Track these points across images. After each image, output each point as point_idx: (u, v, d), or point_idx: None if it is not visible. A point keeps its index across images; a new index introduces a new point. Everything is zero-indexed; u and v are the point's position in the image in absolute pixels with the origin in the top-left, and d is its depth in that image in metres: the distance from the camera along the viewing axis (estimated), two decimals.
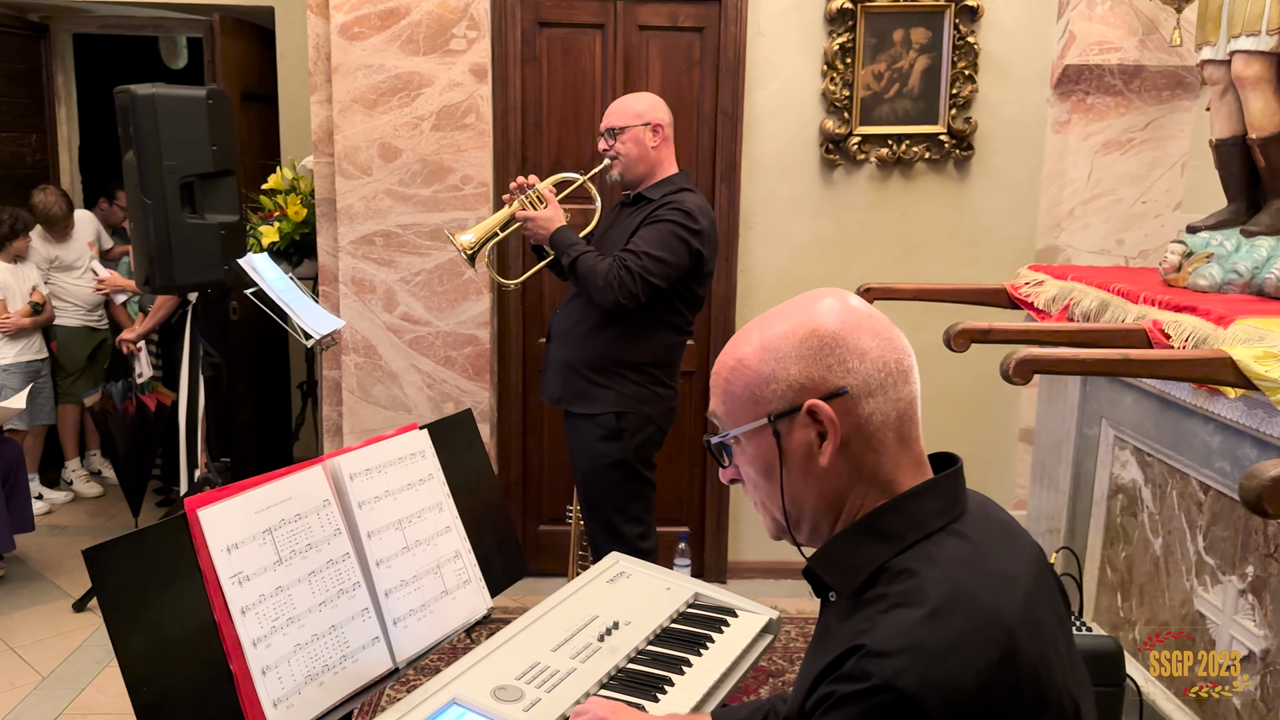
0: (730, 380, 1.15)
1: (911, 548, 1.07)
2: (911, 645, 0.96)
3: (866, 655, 0.97)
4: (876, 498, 1.11)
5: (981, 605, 1.01)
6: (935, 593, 1.01)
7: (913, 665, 0.95)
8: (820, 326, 1.11)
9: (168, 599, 1.38)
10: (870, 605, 1.04)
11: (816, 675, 1.02)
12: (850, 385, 1.09)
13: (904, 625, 0.98)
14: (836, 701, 0.97)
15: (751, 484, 1.17)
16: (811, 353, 1.10)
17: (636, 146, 2.98)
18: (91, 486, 5.21)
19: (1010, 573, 1.08)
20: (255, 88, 5.01)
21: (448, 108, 3.68)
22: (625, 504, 3.02)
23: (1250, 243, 2.52)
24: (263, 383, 5.04)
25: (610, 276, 2.81)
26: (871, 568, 1.07)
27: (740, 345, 1.16)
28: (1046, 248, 3.88)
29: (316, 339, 3.21)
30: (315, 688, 1.50)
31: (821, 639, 1.12)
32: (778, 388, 1.11)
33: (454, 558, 1.81)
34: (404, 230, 3.76)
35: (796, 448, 1.11)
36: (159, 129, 3.36)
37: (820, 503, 1.13)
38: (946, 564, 1.04)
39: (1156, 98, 3.77)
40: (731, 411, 1.15)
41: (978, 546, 1.08)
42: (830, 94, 3.79)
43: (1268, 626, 2.11)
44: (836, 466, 1.10)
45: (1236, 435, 2.16)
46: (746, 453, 1.15)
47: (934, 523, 1.09)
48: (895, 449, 1.11)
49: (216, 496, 1.46)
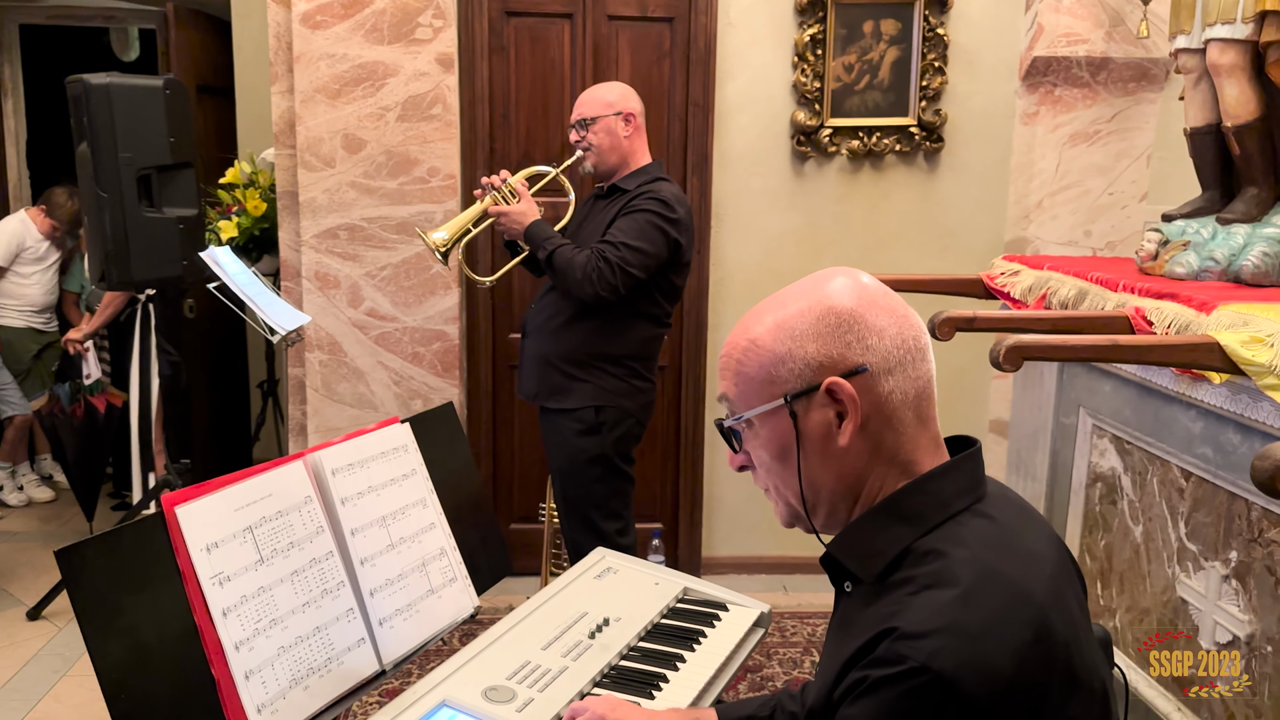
0: (743, 361, 1.11)
1: (936, 529, 1.04)
2: (946, 626, 0.94)
3: (900, 638, 0.94)
4: (897, 479, 1.08)
5: (1013, 585, 0.98)
6: (965, 573, 0.98)
7: (948, 646, 0.92)
8: (836, 304, 1.08)
9: (145, 601, 1.31)
10: (897, 589, 1.01)
11: (845, 662, 0.99)
12: (869, 363, 1.06)
13: (937, 606, 0.96)
14: (870, 686, 0.94)
15: (764, 468, 1.14)
16: (829, 330, 1.07)
17: (609, 137, 2.93)
18: (43, 491, 5.05)
19: (1036, 553, 1.06)
20: (211, 80, 4.88)
21: (413, 98, 3.61)
22: (604, 500, 2.97)
23: (1226, 230, 2.53)
24: (221, 382, 4.91)
25: (588, 269, 2.76)
26: (896, 550, 1.04)
27: (752, 325, 1.12)
28: (1015, 239, 3.88)
29: (282, 335, 3.12)
30: (300, 692, 1.44)
31: (843, 628, 1.09)
32: (794, 367, 1.07)
33: (439, 555, 1.75)
34: (369, 224, 3.68)
35: (814, 428, 1.08)
36: (114, 120, 3.25)
37: (839, 485, 1.09)
38: (974, 544, 1.02)
39: (1123, 89, 3.79)
40: (744, 393, 1.11)
41: (1003, 527, 1.06)
42: (801, 85, 3.77)
43: (1252, 611, 2.12)
44: (856, 447, 1.07)
45: (1219, 421, 2.17)
46: (760, 436, 1.12)
47: (958, 503, 1.06)
48: (914, 428, 1.08)
49: (195, 493, 1.40)
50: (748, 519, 4.07)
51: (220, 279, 3.21)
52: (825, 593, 4.12)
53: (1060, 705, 0.96)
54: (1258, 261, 2.42)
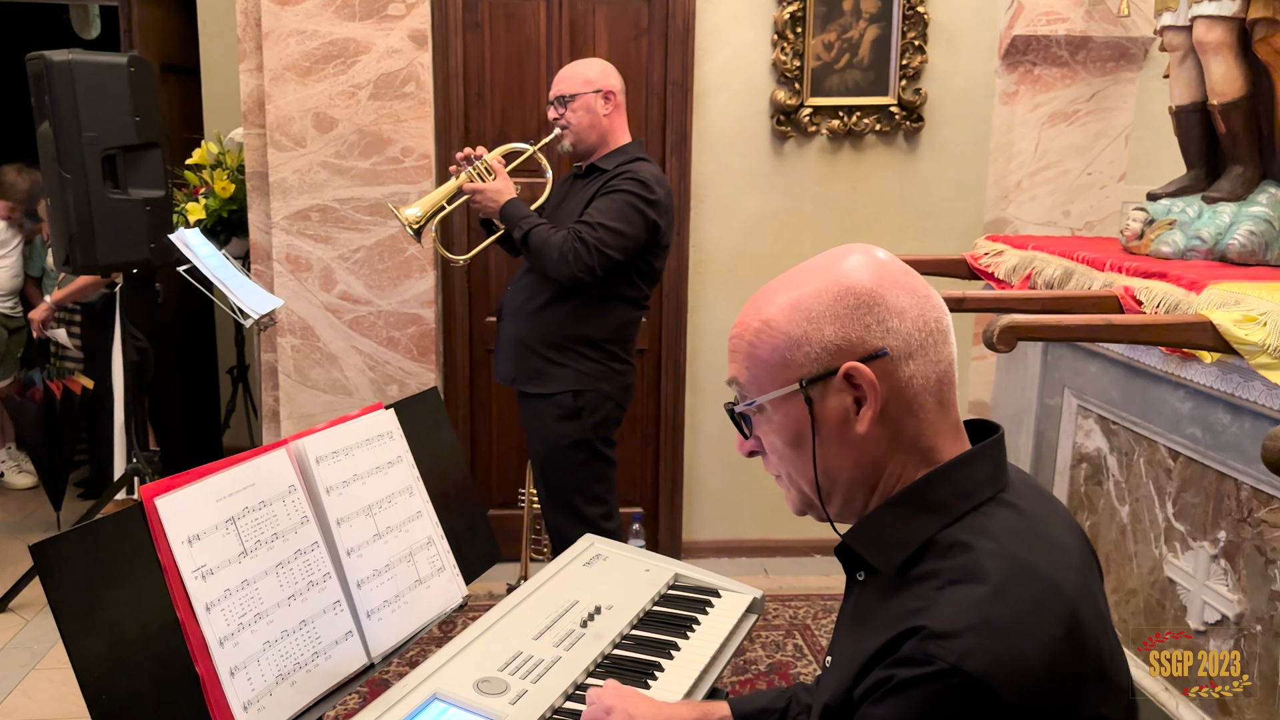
0: (755, 344, 1.06)
1: (960, 520, 1.00)
2: (977, 624, 0.90)
3: (929, 637, 0.90)
4: (917, 467, 1.04)
5: (1043, 579, 0.95)
6: (994, 567, 0.94)
7: (980, 646, 0.88)
8: (855, 283, 1.03)
9: (125, 596, 1.25)
10: (921, 582, 0.97)
11: (867, 659, 0.95)
12: (890, 346, 1.01)
13: (967, 603, 0.92)
14: (896, 687, 0.90)
15: (776, 455, 1.09)
16: (847, 311, 1.02)
17: (588, 115, 2.87)
18: (24, 478, 4.92)
19: (1062, 543, 1.03)
20: (175, 58, 4.76)
21: (386, 76, 3.53)
22: (587, 484, 2.93)
23: (1212, 209, 2.52)
24: (190, 368, 4.81)
25: (565, 249, 2.70)
26: (918, 541, 1.00)
27: (765, 306, 1.07)
28: (994, 220, 3.87)
29: (254, 319, 3.04)
30: (287, 687, 1.39)
31: (859, 620, 1.05)
32: (810, 350, 1.03)
33: (426, 544, 1.70)
34: (341, 205, 3.60)
35: (831, 414, 1.03)
36: (77, 98, 3.15)
37: (855, 473, 1.05)
38: (1001, 536, 0.98)
39: (1101, 69, 3.78)
40: (757, 377, 1.07)
41: (1028, 517, 1.02)
42: (781, 64, 3.72)
43: (1241, 591, 2.12)
44: (875, 434, 1.03)
45: (1208, 401, 2.16)
46: (773, 421, 1.07)
47: (982, 492, 1.02)
48: (935, 414, 1.04)
49: (174, 484, 1.34)
50: (728, 503, 4.05)
51: (190, 262, 3.12)
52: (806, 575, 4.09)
53: (1093, 704, 0.93)
54: (1244, 240, 2.41)
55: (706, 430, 4.00)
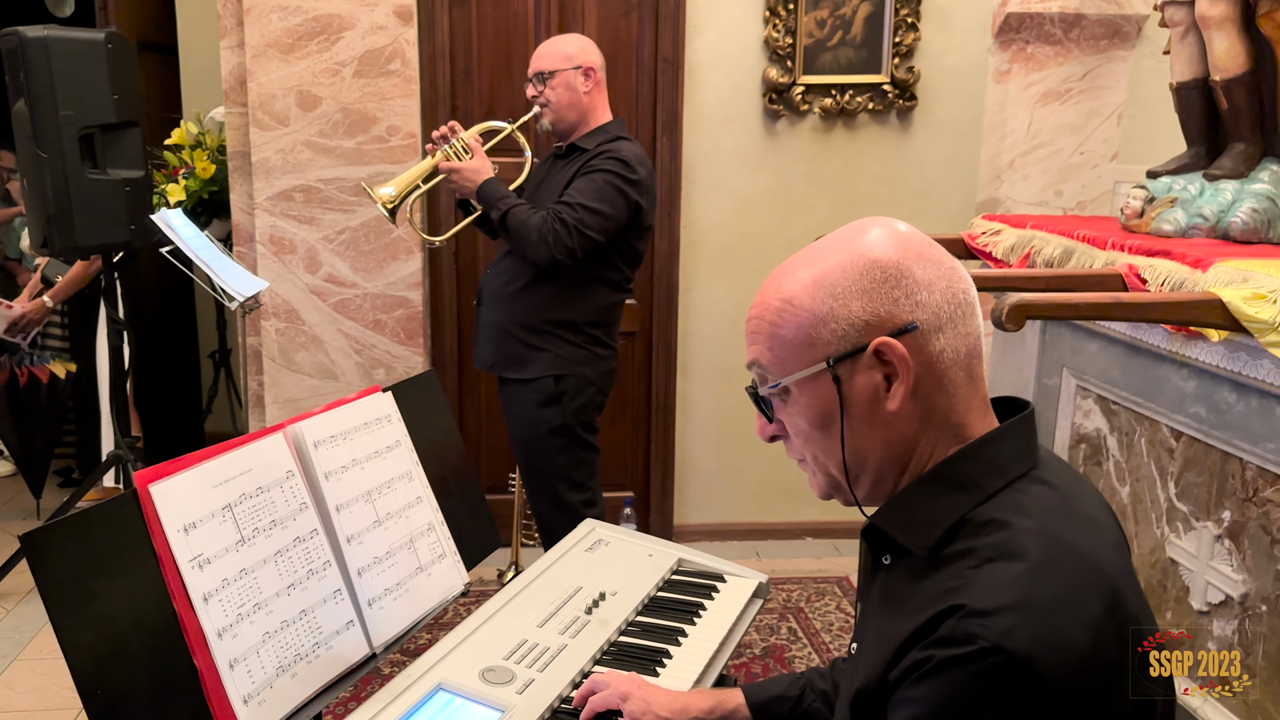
0: (778, 323, 1.02)
1: (994, 497, 0.97)
2: (1017, 602, 0.87)
3: (968, 615, 0.87)
4: (948, 444, 1.01)
5: (1083, 556, 0.92)
6: (1032, 544, 0.91)
7: (1021, 624, 0.86)
8: (881, 257, 0.99)
9: (119, 588, 1.20)
10: (955, 561, 0.94)
11: (902, 641, 0.91)
12: (920, 320, 0.98)
13: (1006, 581, 0.89)
14: (936, 667, 0.87)
15: (802, 437, 1.05)
16: (875, 286, 0.98)
17: (567, 92, 2.80)
18: (3, 465, 4.83)
19: (1097, 519, 1.00)
20: (152, 36, 4.66)
21: (371, 53, 3.45)
22: (568, 471, 2.87)
23: (1214, 186, 2.50)
24: (170, 352, 4.73)
25: (544, 230, 2.64)
26: (951, 520, 0.97)
27: (786, 283, 1.03)
28: (987, 199, 3.84)
29: (240, 301, 2.98)
30: (288, 679, 1.34)
31: (889, 603, 1.01)
32: (837, 327, 0.99)
33: (427, 530, 1.65)
34: (326, 185, 3.53)
35: (860, 393, 1.00)
36: (53, 76, 3.05)
37: (886, 453, 1.02)
38: (1038, 513, 0.95)
39: (1094, 47, 3.75)
40: (781, 358, 1.02)
41: (1062, 493, 0.99)
42: (773, 41, 3.67)
43: (1246, 571, 2.10)
44: (906, 411, 0.99)
45: (1213, 380, 2.14)
46: (799, 403, 1.03)
47: (1015, 469, 0.99)
48: (965, 389, 1.01)
49: (169, 470, 1.29)
50: (720, 486, 4.02)
51: (172, 243, 3.04)
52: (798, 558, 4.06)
53: (1139, 685, 0.90)
54: (1246, 218, 2.39)
55: (698, 413, 3.97)
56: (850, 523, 3.98)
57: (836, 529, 3.97)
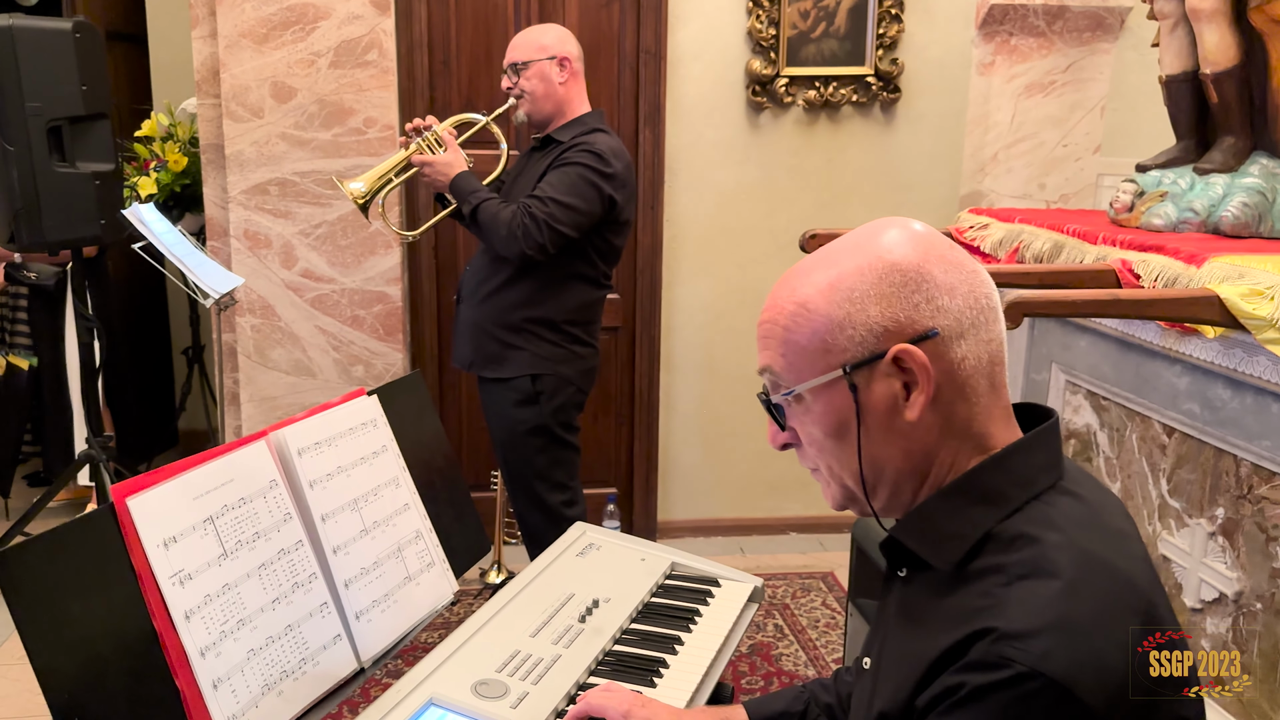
0: (791, 328, 0.98)
1: (1020, 510, 0.93)
2: (1054, 623, 0.83)
3: (1002, 638, 0.83)
4: (970, 455, 0.97)
5: (1116, 572, 0.89)
6: (1064, 560, 0.88)
7: (1059, 646, 0.82)
8: (900, 260, 0.95)
9: (97, 608, 1.14)
10: (982, 578, 0.90)
11: (931, 663, 0.88)
12: (941, 326, 0.94)
13: (1040, 600, 0.85)
14: (969, 694, 0.83)
15: (816, 447, 1.01)
16: (894, 290, 0.95)
17: (542, 83, 2.74)
18: None
19: (1125, 532, 0.97)
20: (120, 26, 4.55)
21: (347, 43, 3.38)
22: (547, 471, 2.82)
23: (1204, 181, 2.48)
24: (141, 349, 4.63)
25: (514, 225, 2.58)
26: (976, 535, 0.93)
27: (800, 287, 0.99)
28: (970, 193, 3.82)
29: (215, 298, 2.90)
30: (274, 698, 1.29)
31: (908, 619, 0.98)
32: (854, 333, 0.95)
33: (415, 539, 1.60)
34: (302, 178, 3.45)
35: (878, 401, 0.96)
36: (19, 66, 2.96)
37: (905, 463, 0.98)
38: (1067, 526, 0.91)
39: (1078, 39, 3.73)
40: (794, 365, 0.98)
41: (1090, 505, 0.96)
42: (756, 32, 3.63)
43: (1240, 568, 2.09)
44: (926, 421, 0.95)
45: (1207, 376, 2.12)
46: (813, 411, 0.99)
47: (1042, 480, 0.96)
48: (987, 398, 0.97)
49: (147, 482, 1.23)
50: (703, 482, 3.98)
51: (145, 239, 2.96)
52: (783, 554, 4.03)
53: (1173, 702, 0.87)
54: (1237, 212, 2.37)
55: (681, 408, 3.93)
56: (834, 518, 3.95)
57: (821, 524, 3.94)
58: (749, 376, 3.89)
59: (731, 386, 3.90)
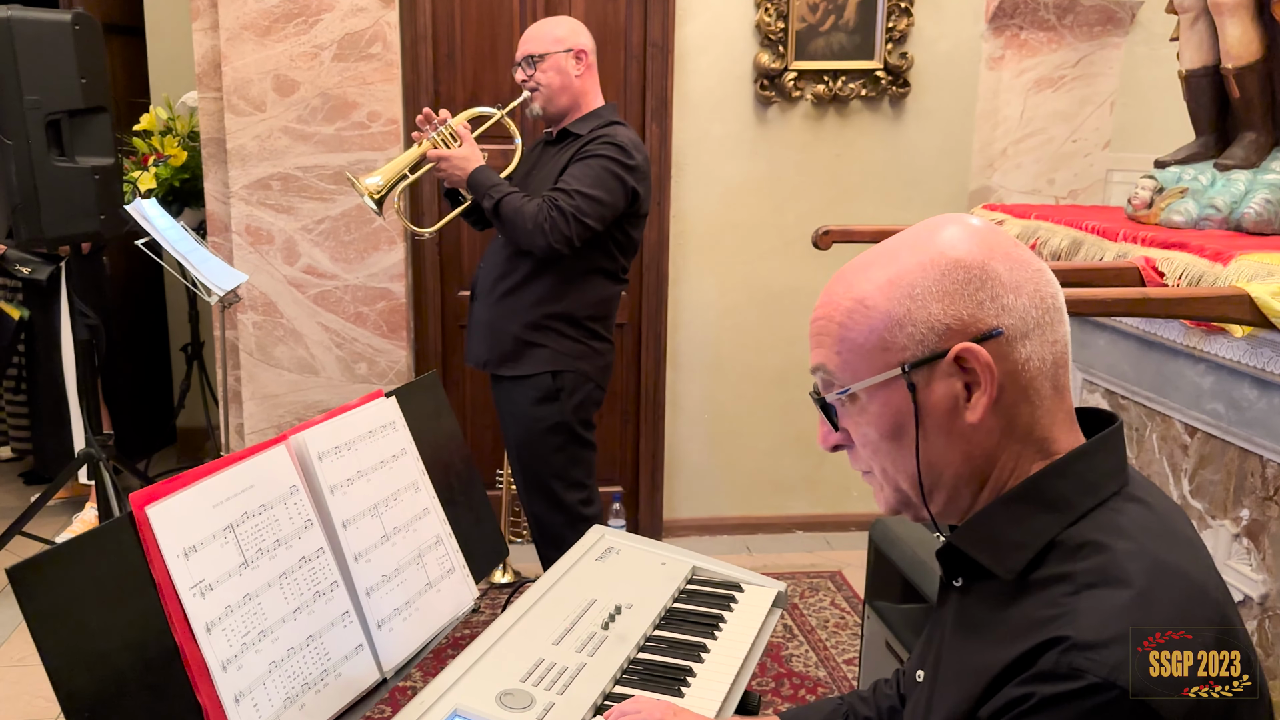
0: (848, 325, 0.94)
1: (1086, 517, 0.90)
2: (1127, 633, 0.81)
3: (1072, 648, 0.80)
4: (1032, 459, 0.94)
5: (1189, 581, 0.86)
6: (1136, 569, 0.85)
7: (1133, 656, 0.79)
8: (964, 256, 0.92)
9: (116, 622, 1.10)
10: (1048, 587, 0.87)
11: (996, 675, 0.84)
12: (1006, 325, 0.91)
13: (1111, 610, 0.82)
14: (1038, 705, 0.80)
15: (870, 448, 0.98)
16: (957, 287, 0.91)
17: (558, 76, 2.70)
18: None
19: (1194, 539, 0.94)
20: (117, 18, 4.49)
21: (350, 35, 3.33)
22: (566, 469, 2.78)
23: (1225, 177, 2.45)
24: (140, 346, 4.58)
25: (540, 218, 2.54)
26: (1040, 543, 0.90)
27: (858, 283, 0.95)
28: (980, 188, 3.79)
29: (220, 295, 2.85)
30: (296, 711, 1.25)
31: (968, 629, 0.94)
32: (915, 331, 0.92)
33: (435, 544, 1.56)
34: (304, 173, 3.40)
35: (938, 402, 0.92)
36: (17, 59, 2.90)
37: (964, 467, 0.94)
38: (1138, 534, 0.88)
39: (1088, 33, 3.70)
40: (850, 363, 0.95)
41: (1159, 513, 0.92)
42: (764, 26, 3.58)
43: (1266, 571, 2.06)
44: (987, 423, 0.92)
45: (1233, 375, 2.09)
46: (868, 411, 0.95)
47: (1108, 486, 0.92)
48: (1051, 401, 0.94)
49: (166, 490, 1.19)
50: (710, 480, 3.95)
51: (147, 234, 2.91)
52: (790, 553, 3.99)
53: (1248, 714, 0.84)
54: (1260, 209, 2.34)
55: (687, 406, 3.89)
56: (841, 517, 3.93)
57: (827, 522, 3.92)
58: (755, 373, 3.86)
59: (738, 383, 3.86)
